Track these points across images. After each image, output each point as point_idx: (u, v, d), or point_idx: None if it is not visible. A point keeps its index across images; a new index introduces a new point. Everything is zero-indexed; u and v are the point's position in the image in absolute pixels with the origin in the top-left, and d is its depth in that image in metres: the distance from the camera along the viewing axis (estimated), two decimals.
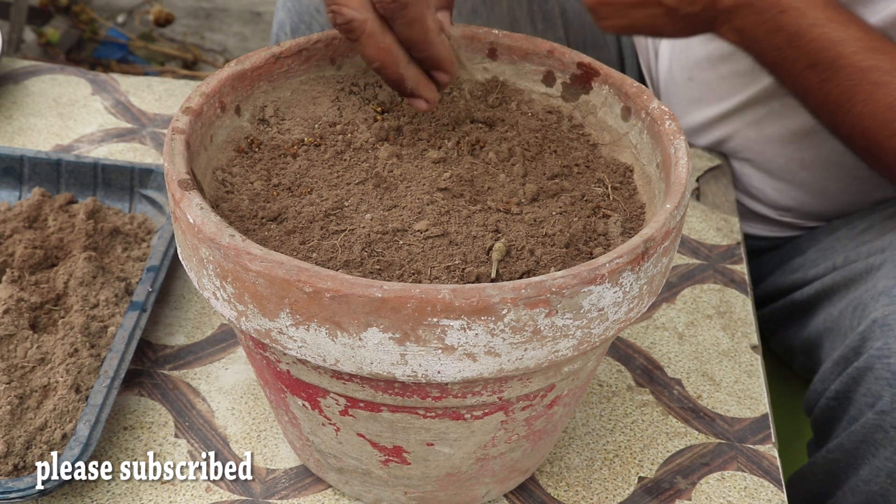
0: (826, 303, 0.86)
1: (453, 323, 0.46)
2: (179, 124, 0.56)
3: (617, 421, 0.69)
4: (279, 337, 0.49)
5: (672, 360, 0.74)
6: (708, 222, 0.88)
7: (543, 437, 0.59)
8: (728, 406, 0.71)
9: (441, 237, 0.53)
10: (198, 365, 0.71)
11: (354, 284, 0.46)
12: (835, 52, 0.72)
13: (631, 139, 0.61)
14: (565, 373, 0.53)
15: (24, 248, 0.72)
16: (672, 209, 0.51)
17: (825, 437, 0.79)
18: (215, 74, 0.60)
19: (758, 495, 0.65)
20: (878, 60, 0.72)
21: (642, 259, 0.49)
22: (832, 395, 0.76)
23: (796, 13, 0.72)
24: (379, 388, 0.51)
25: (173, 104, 0.96)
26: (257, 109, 0.62)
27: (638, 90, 0.61)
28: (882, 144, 0.73)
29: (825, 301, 0.87)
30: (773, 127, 0.91)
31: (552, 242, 0.53)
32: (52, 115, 0.93)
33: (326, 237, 0.53)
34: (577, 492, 0.64)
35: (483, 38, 0.65)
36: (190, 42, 1.97)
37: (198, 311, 0.75)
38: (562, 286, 0.47)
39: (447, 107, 0.63)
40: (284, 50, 0.63)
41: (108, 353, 0.64)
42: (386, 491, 0.60)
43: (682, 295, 0.80)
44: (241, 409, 0.68)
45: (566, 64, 0.64)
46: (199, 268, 0.51)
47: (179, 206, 0.51)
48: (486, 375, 0.49)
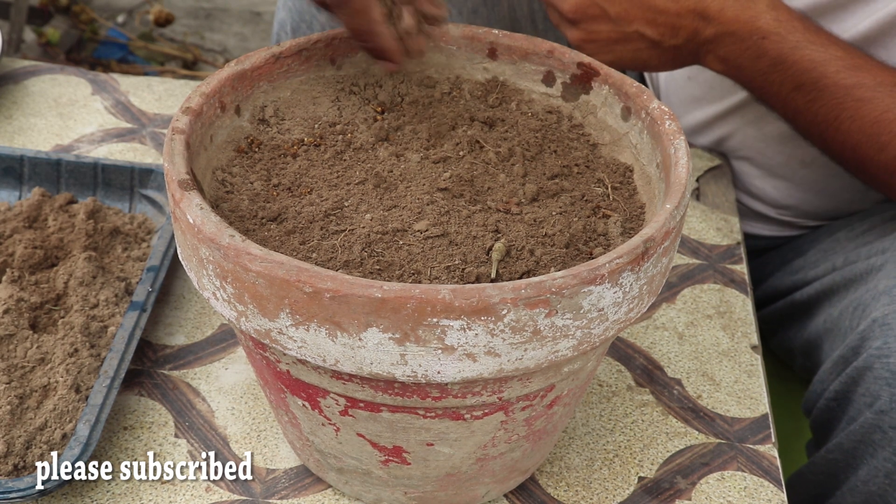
0: (826, 303, 0.86)
1: (453, 323, 0.46)
2: (179, 124, 0.56)
3: (617, 421, 0.69)
4: (279, 337, 0.49)
5: (672, 360, 0.74)
6: (708, 222, 0.88)
7: (543, 437, 0.59)
8: (728, 406, 0.71)
9: (441, 237, 0.53)
10: (198, 365, 0.71)
11: (354, 284, 0.46)
12: (818, 72, 0.74)
13: (631, 139, 0.61)
14: (565, 373, 0.53)
15: (24, 248, 0.72)
16: (672, 209, 0.51)
17: (824, 437, 0.79)
18: (215, 74, 0.60)
19: (758, 495, 0.65)
20: (861, 77, 0.73)
21: (642, 259, 0.49)
22: (831, 395, 0.76)
23: (777, 38, 0.74)
24: (379, 388, 0.51)
25: (173, 104, 0.96)
26: (257, 109, 0.62)
27: (638, 90, 0.61)
28: (872, 158, 0.74)
29: (825, 302, 0.87)
30: (772, 125, 0.91)
31: (552, 242, 0.53)
32: (53, 114, 0.93)
33: (326, 237, 0.53)
34: (577, 492, 0.64)
35: (483, 38, 0.65)
36: (190, 42, 1.97)
37: (198, 311, 0.75)
38: (562, 286, 0.47)
39: (447, 107, 0.63)
40: (284, 50, 0.63)
41: (108, 354, 0.64)
42: (386, 491, 0.60)
43: (682, 295, 0.80)
44: (241, 409, 0.68)
45: (566, 64, 0.64)
46: (199, 268, 0.51)
47: (179, 207, 0.51)
48: (485, 375, 0.49)
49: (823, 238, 0.94)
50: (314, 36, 0.64)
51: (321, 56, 0.64)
